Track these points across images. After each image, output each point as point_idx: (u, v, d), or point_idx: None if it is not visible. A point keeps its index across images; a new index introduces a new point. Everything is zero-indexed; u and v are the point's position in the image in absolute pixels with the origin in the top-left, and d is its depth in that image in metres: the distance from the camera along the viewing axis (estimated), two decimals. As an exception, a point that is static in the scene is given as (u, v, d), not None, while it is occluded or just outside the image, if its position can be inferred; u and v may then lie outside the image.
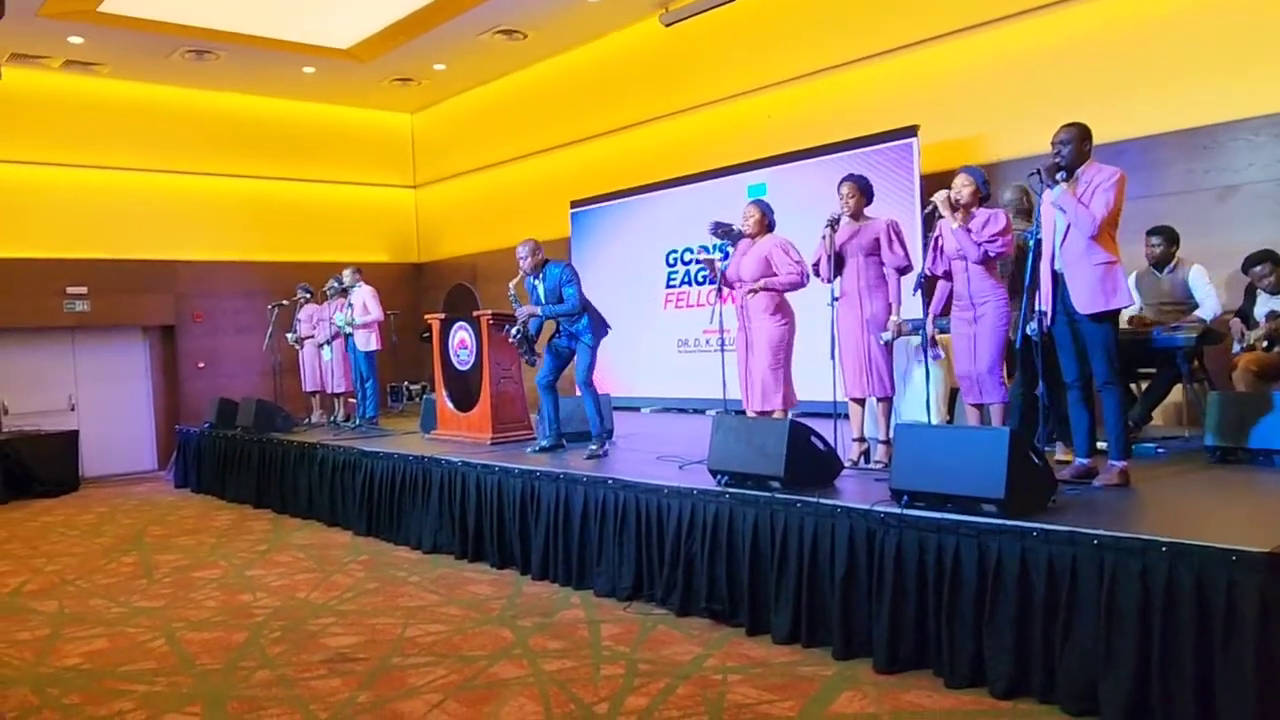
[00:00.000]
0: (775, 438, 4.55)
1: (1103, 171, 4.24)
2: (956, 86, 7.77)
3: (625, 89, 10.62)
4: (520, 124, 12.02)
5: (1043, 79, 7.20)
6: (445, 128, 13.46)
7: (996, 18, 7.45)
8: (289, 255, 12.69)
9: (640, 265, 10.02)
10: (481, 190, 12.87)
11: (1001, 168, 7.17)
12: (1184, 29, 6.52)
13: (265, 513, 8.53)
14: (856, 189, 5.20)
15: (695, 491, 4.80)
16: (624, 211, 10.31)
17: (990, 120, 7.56)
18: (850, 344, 5.20)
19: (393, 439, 8.07)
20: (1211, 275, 5.74)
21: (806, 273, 5.36)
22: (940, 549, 3.81)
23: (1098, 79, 6.89)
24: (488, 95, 12.51)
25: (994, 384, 4.72)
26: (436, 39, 10.50)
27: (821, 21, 8.70)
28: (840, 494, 4.46)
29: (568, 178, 11.29)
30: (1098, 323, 4.25)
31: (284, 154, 12.78)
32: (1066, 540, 3.47)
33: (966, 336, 4.79)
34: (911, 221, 7.21)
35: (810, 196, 7.85)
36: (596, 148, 11.09)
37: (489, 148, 12.56)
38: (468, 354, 7.49)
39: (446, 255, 13.55)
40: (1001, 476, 3.69)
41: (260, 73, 11.41)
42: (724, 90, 9.54)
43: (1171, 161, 6.59)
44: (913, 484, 3.97)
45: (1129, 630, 3.27)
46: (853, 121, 8.20)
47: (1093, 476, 4.39)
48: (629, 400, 9.83)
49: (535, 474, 5.74)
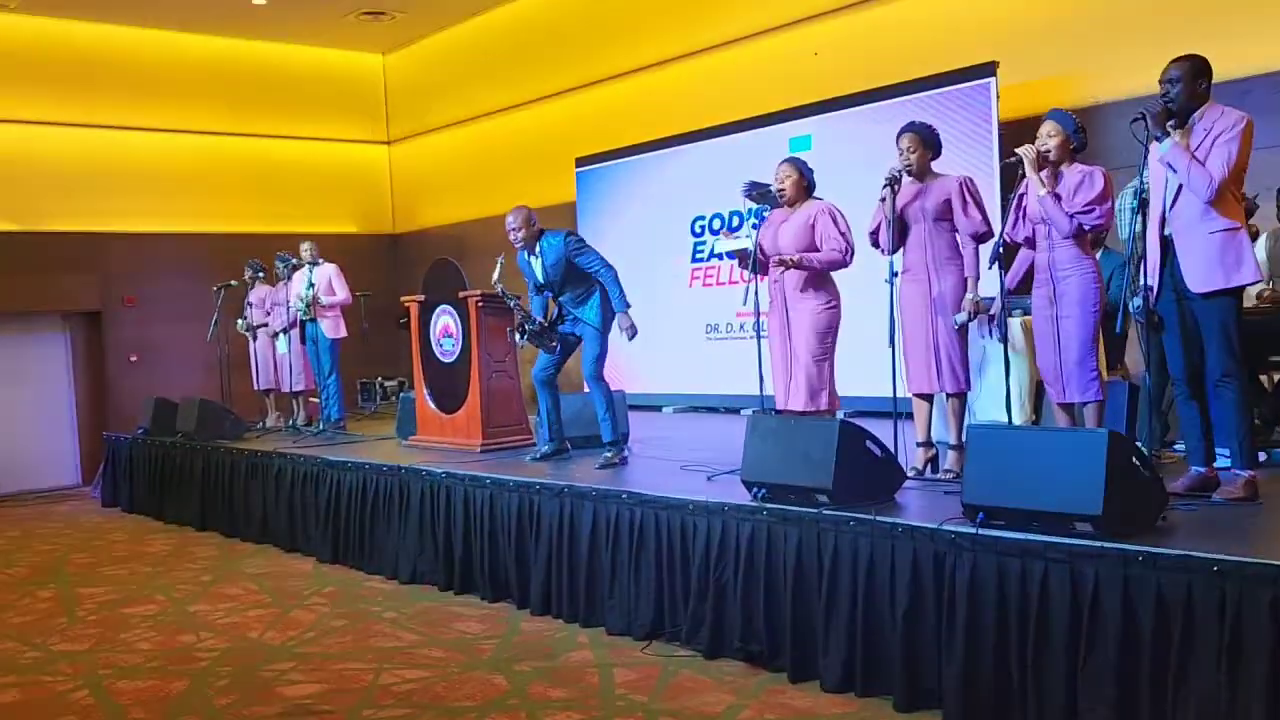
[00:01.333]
0: (822, 442, 4.53)
1: (1227, 116, 4.17)
2: (1042, 14, 7.69)
3: (642, 22, 10.58)
4: (515, 66, 12.01)
5: (1145, 6, 7.10)
6: (425, 71, 13.46)
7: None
8: (239, 226, 12.76)
9: (661, 235, 10.02)
10: (469, 147, 12.88)
11: (1100, 112, 7.09)
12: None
13: (211, 536, 8.59)
14: (919, 140, 5.14)
15: (727, 508, 4.79)
16: (640, 171, 10.30)
17: (1083, 56, 7.48)
18: (915, 329, 5.16)
19: (364, 446, 8.11)
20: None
21: (851, 248, 5.34)
22: (1024, 577, 3.77)
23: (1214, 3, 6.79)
24: (476, 31, 12.50)
25: (1085, 379, 4.66)
26: (413, -37, 10.51)
27: (879, -63, 8.63)
28: (902, 510, 4.43)
29: (573, 131, 11.29)
30: (1215, 302, 4.20)
31: (230, 104, 12.84)
32: (1180, 566, 3.43)
33: (1048, 319, 4.74)
34: (990, 179, 7.17)
35: (865, 150, 7.81)
36: (607, 94, 11.06)
37: (478, 95, 12.56)
38: (453, 344, 7.51)
39: (427, 225, 13.58)
40: (1099, 489, 3.65)
41: (200, 5, 11.45)
42: (761, 22, 9.49)
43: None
44: (990, 498, 3.93)
45: (1257, 675, 3.23)
46: (917, 59, 8.14)
47: (1211, 489, 4.34)
48: (648, 398, 9.83)
49: (535, 487, 5.75)
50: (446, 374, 7.60)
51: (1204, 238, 4.18)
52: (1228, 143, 4.11)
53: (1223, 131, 4.14)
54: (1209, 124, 4.19)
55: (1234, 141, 4.11)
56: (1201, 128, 4.20)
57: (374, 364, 12.30)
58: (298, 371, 9.61)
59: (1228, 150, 4.10)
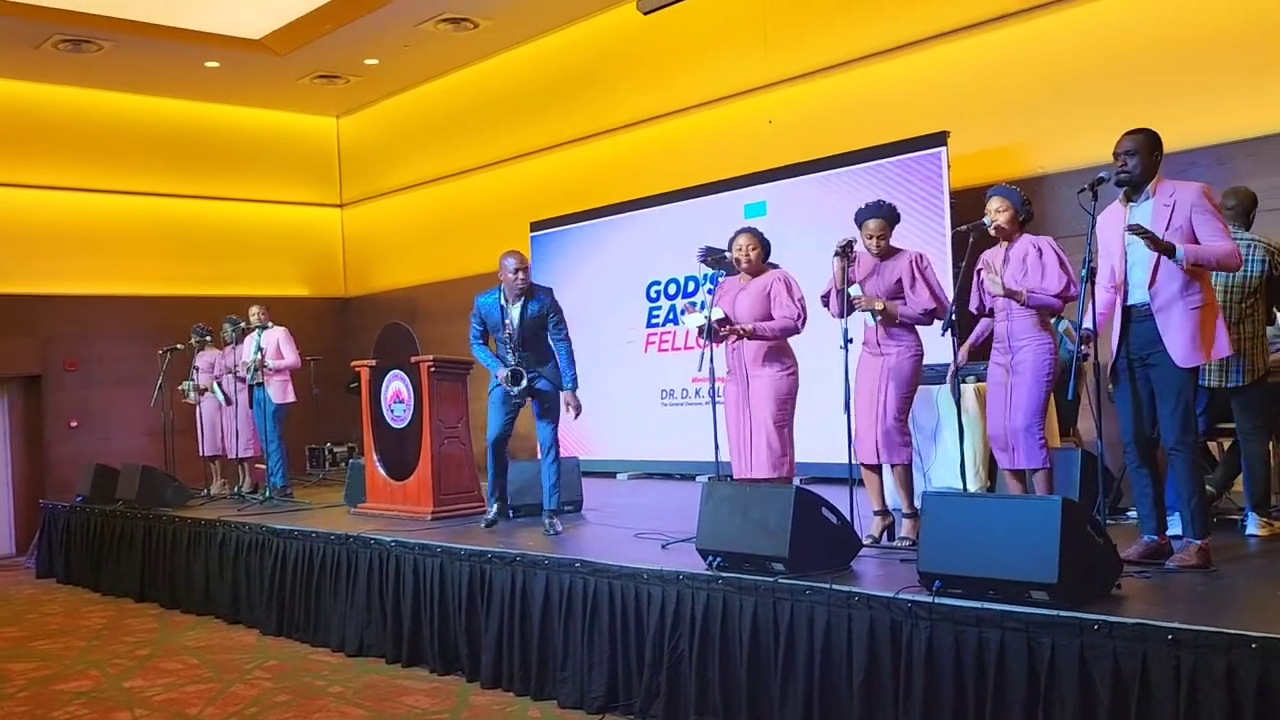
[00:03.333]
0: (778, 510, 4.53)
1: (1187, 189, 4.32)
2: (991, 86, 7.90)
3: (597, 89, 10.73)
4: (470, 131, 12.11)
5: (1095, 78, 7.33)
6: (378, 135, 13.53)
7: (1038, 4, 7.60)
8: (187, 289, 12.66)
9: (616, 300, 10.06)
10: (423, 210, 12.91)
11: (1047, 182, 7.27)
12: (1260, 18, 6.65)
13: (150, 607, 8.39)
14: (887, 224, 5.26)
15: (681, 576, 4.76)
16: (596, 235, 10.37)
17: (1031, 127, 7.68)
18: (865, 399, 5.23)
19: (311, 514, 7.99)
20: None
21: (804, 315, 5.42)
22: (981, 646, 3.78)
23: (1162, 77, 7.02)
24: (430, 96, 12.60)
25: (1033, 445, 4.74)
26: (368, 28, 10.61)
27: (830, 9, 8.85)
28: (858, 579, 4.43)
29: (528, 195, 11.37)
30: (1178, 372, 4.29)
31: (181, 165, 12.80)
32: (1135, 635, 3.45)
33: (1001, 386, 4.83)
34: (942, 247, 7.29)
35: (819, 217, 7.93)
36: (562, 159, 11.17)
37: (431, 159, 12.63)
38: (404, 409, 7.46)
39: (379, 289, 13.55)
40: (1054, 557, 3.67)
41: (153, 67, 11.47)
42: (715, 90, 9.66)
43: (1253, 174, 6.68)
44: (946, 566, 3.94)
45: (1213, 745, 3.25)
46: (870, 128, 8.32)
47: (1164, 556, 4.39)
48: (602, 464, 9.81)
49: (486, 556, 5.69)
50: (397, 440, 7.54)
51: (1184, 313, 4.28)
52: (1211, 215, 4.26)
53: (1194, 205, 4.26)
54: (1169, 198, 4.32)
55: (1213, 214, 4.26)
56: (1161, 202, 4.33)
57: (323, 429, 12.16)
58: (245, 437, 9.50)
59: (1215, 223, 4.25)
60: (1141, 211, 4.35)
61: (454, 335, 6.63)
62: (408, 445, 7.41)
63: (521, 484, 6.95)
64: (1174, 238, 4.24)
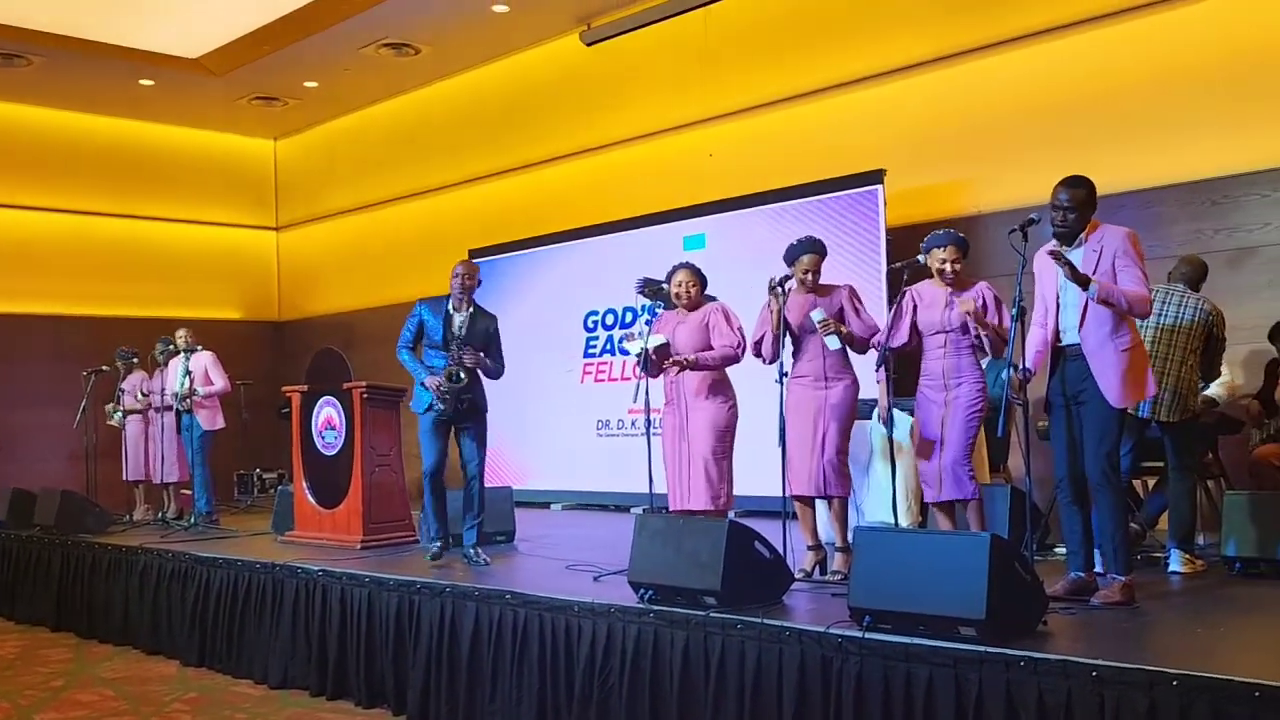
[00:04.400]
0: (711, 544, 4.52)
1: (1114, 234, 4.43)
2: (927, 126, 8.04)
3: (538, 118, 10.75)
4: (409, 156, 12.05)
5: (1029, 120, 7.50)
6: (317, 158, 13.43)
7: (975, 46, 7.77)
8: (115, 309, 12.43)
9: (553, 330, 10.04)
10: (360, 235, 12.82)
11: (980, 222, 7.40)
12: (1189, 68, 6.87)
13: (66, 637, 8.15)
14: (820, 259, 5.31)
15: (613, 609, 4.73)
16: (534, 264, 10.35)
17: (966, 167, 7.83)
18: (802, 433, 5.24)
19: (237, 542, 7.83)
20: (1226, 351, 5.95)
21: (744, 344, 5.44)
22: (910, 681, 3.78)
23: (1090, 122, 7.19)
24: (370, 121, 12.54)
25: (961, 476, 4.80)
26: (308, 50, 10.55)
27: (772, 46, 8.96)
28: (790, 613, 4.43)
29: (466, 223, 11.33)
30: (1106, 411, 4.38)
31: (111, 183, 12.60)
32: (1060, 671, 3.49)
33: (935, 421, 4.88)
34: (877, 283, 7.38)
35: (757, 250, 7.98)
36: (502, 187, 11.17)
37: (370, 183, 12.55)
38: (335, 436, 7.37)
39: (314, 313, 13.41)
40: (982, 593, 3.70)
41: (85, 83, 11.29)
42: (656, 123, 9.72)
43: (1176, 219, 6.88)
44: (877, 601, 3.96)
45: (1135, 782, 3.28)
46: (809, 164, 8.42)
47: (1090, 593, 4.45)
48: (536, 494, 9.75)
49: (415, 587, 5.62)
50: (328, 467, 7.44)
51: (1115, 354, 4.37)
52: (1133, 261, 4.36)
53: (1118, 250, 4.36)
54: (1097, 244, 4.42)
55: (1135, 260, 4.37)
56: (1091, 247, 4.42)
57: (252, 455, 11.96)
58: (170, 462, 9.31)
59: (1135, 269, 4.35)
60: (1074, 257, 4.45)
61: (388, 362, 6.55)
62: (338, 472, 7.32)
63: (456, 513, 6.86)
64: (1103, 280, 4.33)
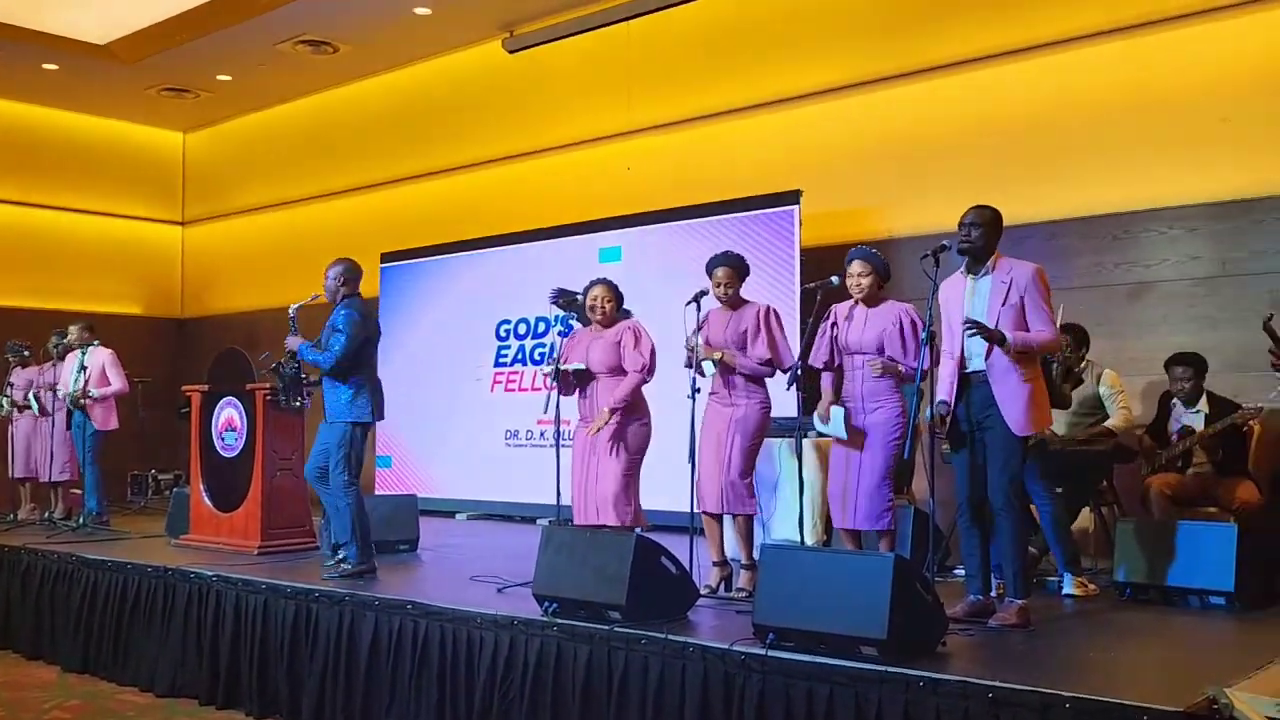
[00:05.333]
0: (617, 558, 4.51)
1: (1023, 268, 4.53)
2: (844, 149, 8.15)
3: (457, 123, 10.66)
4: (324, 156, 11.87)
5: (942, 149, 7.64)
6: (227, 153, 13.15)
7: (894, 74, 7.90)
8: (6, 300, 11.97)
9: (465, 337, 9.95)
10: (270, 233, 12.58)
11: (892, 245, 7.51)
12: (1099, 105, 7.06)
13: (-59, 639, 7.83)
14: (734, 273, 5.32)
15: (516, 622, 4.69)
16: (447, 270, 10.25)
17: (882, 190, 7.95)
18: (710, 449, 5.26)
19: (128, 544, 7.61)
20: (1122, 382, 6.12)
21: (647, 367, 5.44)
22: (811, 700, 3.81)
23: (1002, 154, 7.36)
24: (285, 117, 12.33)
25: (879, 508, 4.86)
26: (223, 43, 10.33)
27: (694, 63, 9.01)
28: (694, 629, 4.43)
29: (380, 226, 11.18)
30: (1010, 439, 4.46)
31: (9, 170, 12.17)
32: (958, 692, 3.54)
33: (849, 448, 4.92)
34: (791, 302, 7.44)
35: (672, 265, 8.01)
36: (418, 191, 11.04)
37: (282, 181, 12.34)
38: (235, 438, 7.22)
39: (218, 311, 13.11)
40: (884, 613, 3.74)
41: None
42: (576, 134, 9.71)
43: (1080, 252, 7.06)
44: (781, 619, 3.98)
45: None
46: (726, 182, 8.47)
47: (989, 615, 4.53)
48: (442, 503, 9.63)
49: (313, 595, 5.51)
50: (227, 470, 7.28)
51: (1017, 384, 4.46)
52: (1042, 299, 4.48)
53: (1027, 286, 4.47)
54: (1005, 275, 4.52)
55: (1044, 298, 4.49)
56: (999, 278, 4.52)
57: (148, 455, 11.62)
58: (61, 460, 9.00)
59: (1044, 309, 4.48)
60: (982, 285, 4.56)
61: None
62: (237, 475, 7.16)
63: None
64: (1009, 313, 4.45)
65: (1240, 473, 5.74)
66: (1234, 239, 6.58)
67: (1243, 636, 4.51)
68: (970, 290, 4.58)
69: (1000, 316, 4.46)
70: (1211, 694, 3.25)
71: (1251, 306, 5.61)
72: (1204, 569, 4.94)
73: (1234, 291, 6.50)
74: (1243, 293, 6.40)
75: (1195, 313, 6.66)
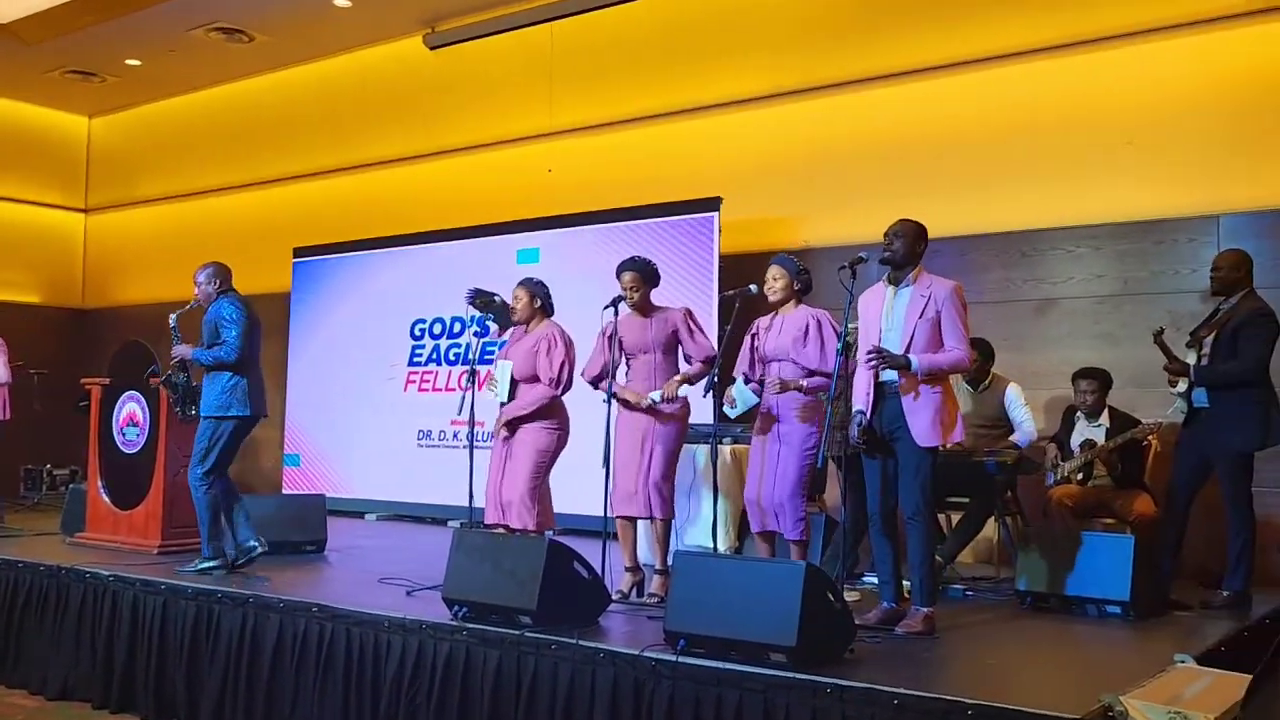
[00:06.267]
0: (529, 562, 4.49)
1: (941, 285, 4.62)
2: (762, 158, 8.24)
3: (376, 118, 10.53)
4: (236, 147, 11.65)
5: (861, 161, 7.77)
6: (135, 140, 12.82)
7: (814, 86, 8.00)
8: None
9: (378, 335, 9.83)
10: (178, 224, 12.29)
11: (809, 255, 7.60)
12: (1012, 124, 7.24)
13: None
14: (639, 278, 5.34)
15: (424, 625, 4.64)
16: (362, 267, 10.11)
17: (801, 200, 8.04)
18: (629, 453, 5.27)
19: (19, 542, 7.39)
20: (1027, 396, 6.28)
21: (558, 381, 5.45)
22: (720, 706, 3.83)
23: (919, 168, 7.50)
24: (196, 106, 12.06)
25: (795, 516, 4.91)
26: (132, 27, 10.07)
27: (616, 67, 9.03)
28: (605, 635, 4.43)
29: (294, 219, 11.00)
30: (921, 450, 4.55)
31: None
32: (864, 699, 3.59)
33: (764, 454, 4.97)
34: (709, 308, 7.49)
35: (590, 268, 8.00)
36: (334, 186, 10.88)
37: (192, 172, 12.07)
38: (138, 433, 7.04)
39: (122, 302, 12.76)
40: (794, 621, 3.78)
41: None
42: (497, 133, 9.65)
43: (989, 267, 7.23)
44: (692, 626, 4.00)
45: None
46: (647, 187, 8.49)
47: (897, 622, 4.60)
48: (350, 503, 9.50)
49: (216, 595, 5.39)
50: (127, 466, 7.09)
51: (927, 396, 4.54)
52: (958, 317, 4.57)
53: (945, 303, 4.56)
54: (925, 289, 4.61)
55: (960, 316, 4.58)
56: (919, 292, 4.60)
57: (44, 449, 11.24)
58: (-51, 453, 8.69)
59: (959, 327, 4.57)
60: (902, 296, 4.64)
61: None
62: (138, 472, 6.98)
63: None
64: (925, 326, 4.54)
65: (1138, 486, 5.93)
66: (1136, 259, 6.79)
67: (1137, 645, 4.64)
68: (890, 301, 4.66)
69: (916, 329, 4.55)
70: (1106, 701, 3.35)
71: (1151, 324, 5.78)
72: (1101, 579, 5.08)
73: (1135, 309, 6.71)
74: (1143, 311, 6.60)
75: (1098, 329, 6.87)
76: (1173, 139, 6.71)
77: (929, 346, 4.54)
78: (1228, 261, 5.47)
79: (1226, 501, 5.37)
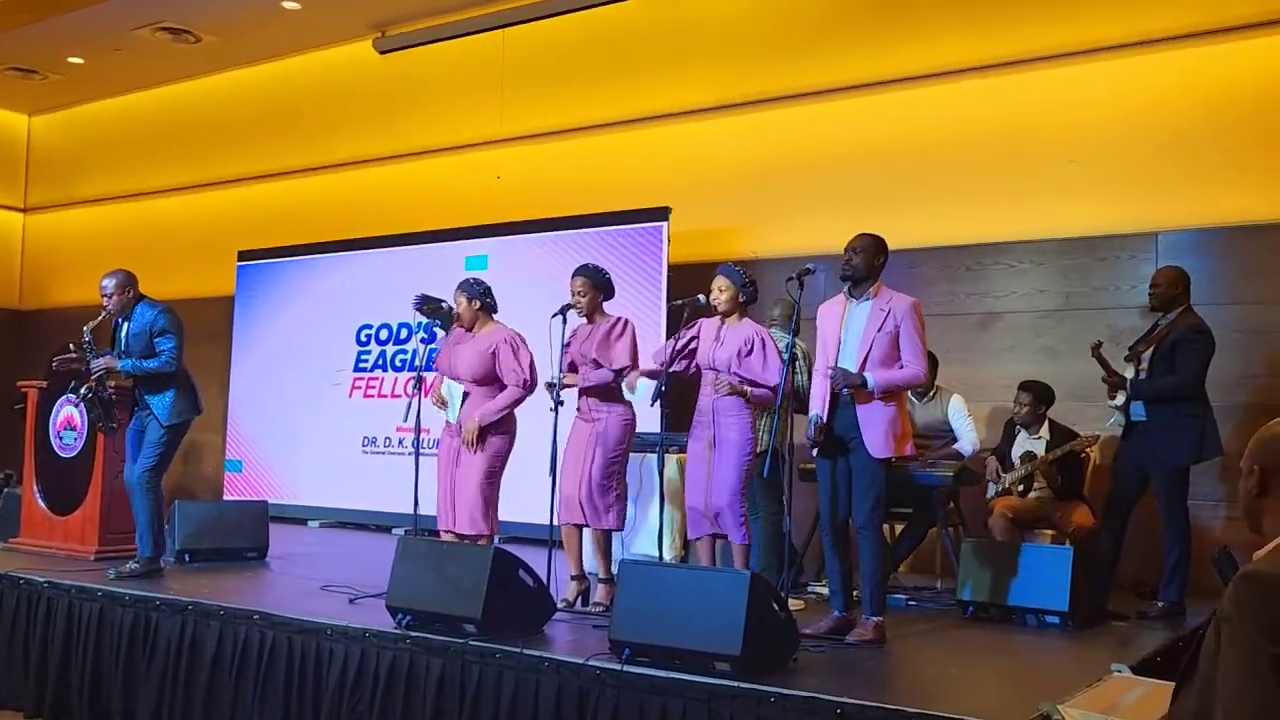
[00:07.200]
0: (474, 570, 4.46)
1: (900, 300, 4.67)
2: (711, 169, 8.28)
3: (323, 122, 10.44)
4: (182, 148, 11.49)
5: (808, 174, 7.83)
6: (77, 139, 12.60)
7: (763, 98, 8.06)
8: None
9: (323, 340, 9.73)
10: (121, 225, 12.08)
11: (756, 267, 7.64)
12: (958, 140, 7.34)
13: None
14: (590, 284, 5.34)
15: (367, 634, 4.59)
16: (308, 272, 10.01)
17: (748, 212, 8.09)
18: (574, 462, 5.26)
19: (-50, 547, 7.20)
20: (970, 408, 6.36)
21: (528, 381, 5.41)
22: (665, 715, 3.82)
23: (866, 182, 7.57)
24: (141, 106, 11.88)
25: (736, 521, 4.91)
26: (76, 23, 9.91)
27: (567, 75, 9.03)
28: (550, 643, 4.42)
29: (239, 222, 10.87)
30: (874, 462, 4.58)
31: None
32: (806, 708, 3.60)
33: (702, 459, 4.98)
34: (658, 318, 7.51)
35: (539, 276, 7.99)
36: (280, 189, 10.77)
37: (136, 172, 11.88)
38: (75, 437, 6.92)
39: (61, 304, 12.50)
40: (738, 630, 3.79)
41: None
42: (446, 139, 9.61)
43: (934, 280, 7.31)
44: (637, 634, 3.99)
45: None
46: (596, 195, 8.50)
47: (848, 631, 4.63)
48: (293, 509, 9.38)
49: (153, 602, 5.29)
50: (64, 471, 6.97)
51: (881, 409, 4.58)
52: (916, 333, 4.62)
53: (903, 319, 4.61)
54: (885, 304, 4.65)
55: (918, 331, 4.63)
56: (878, 306, 4.64)
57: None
58: (-122, 456, 8.46)
59: (916, 343, 4.61)
60: (861, 310, 4.68)
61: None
62: (75, 477, 6.86)
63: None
64: (883, 339, 4.58)
65: (1077, 498, 6.02)
66: (1078, 274, 6.91)
67: (1075, 654, 4.70)
68: (849, 314, 4.69)
69: (874, 343, 4.58)
70: (1045, 710, 3.39)
71: (1092, 339, 5.88)
72: (1041, 589, 5.16)
73: (1076, 324, 6.82)
74: (1084, 325, 6.71)
75: (1040, 343, 6.97)
76: (1114, 158, 6.84)
77: (885, 360, 4.58)
78: (1166, 278, 5.58)
79: (1163, 514, 5.46)
